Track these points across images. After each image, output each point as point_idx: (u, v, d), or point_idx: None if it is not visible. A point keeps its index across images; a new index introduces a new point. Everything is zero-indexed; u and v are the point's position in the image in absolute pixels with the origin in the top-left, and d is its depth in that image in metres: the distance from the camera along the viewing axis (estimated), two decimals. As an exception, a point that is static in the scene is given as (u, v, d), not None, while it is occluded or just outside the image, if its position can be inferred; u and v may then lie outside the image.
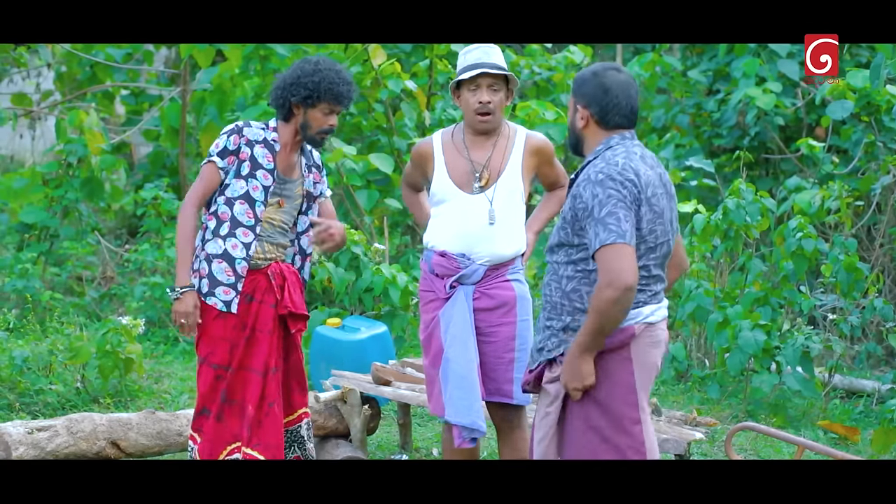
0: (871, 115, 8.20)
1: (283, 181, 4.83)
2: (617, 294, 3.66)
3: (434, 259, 4.77)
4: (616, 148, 3.85)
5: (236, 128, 4.79)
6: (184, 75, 9.58)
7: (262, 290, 4.82)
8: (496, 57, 4.69)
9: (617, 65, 3.97)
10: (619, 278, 3.66)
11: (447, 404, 4.67)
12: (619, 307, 3.69)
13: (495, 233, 4.68)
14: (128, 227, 10.62)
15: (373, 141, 9.09)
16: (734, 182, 7.28)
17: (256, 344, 4.80)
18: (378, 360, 6.33)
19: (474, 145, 4.75)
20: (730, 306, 6.97)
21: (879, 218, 8.22)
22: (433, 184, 4.79)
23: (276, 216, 4.83)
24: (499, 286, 4.71)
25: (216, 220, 4.78)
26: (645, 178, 3.79)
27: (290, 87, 4.76)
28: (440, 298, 4.74)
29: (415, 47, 9.85)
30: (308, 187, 4.93)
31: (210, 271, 4.75)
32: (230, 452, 4.79)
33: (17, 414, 6.35)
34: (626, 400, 3.84)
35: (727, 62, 10.10)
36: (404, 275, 7.52)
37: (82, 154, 8.98)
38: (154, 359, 7.79)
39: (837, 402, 7.11)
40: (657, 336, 3.90)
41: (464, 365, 4.64)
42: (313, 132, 4.80)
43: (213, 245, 4.76)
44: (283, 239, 4.89)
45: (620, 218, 3.70)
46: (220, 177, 4.77)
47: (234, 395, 4.79)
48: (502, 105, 4.72)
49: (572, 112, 3.97)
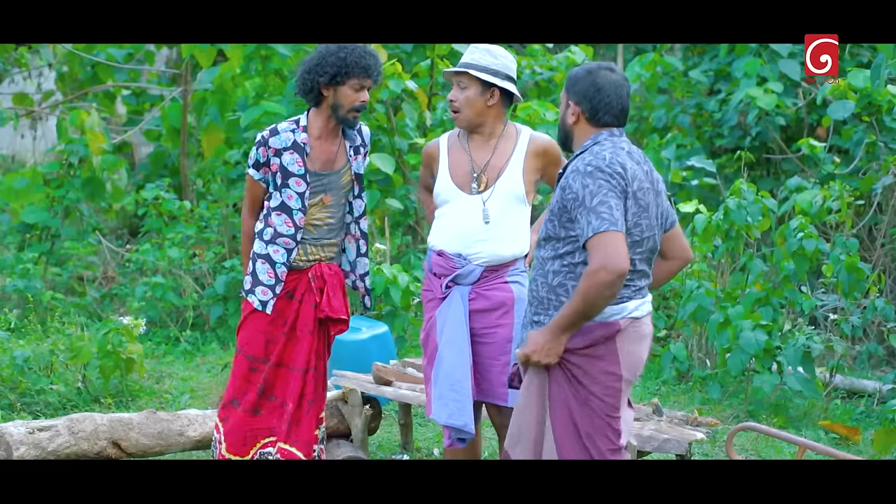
0: (872, 116, 8.20)
1: (323, 176, 4.84)
2: (611, 277, 3.71)
3: (433, 258, 4.80)
4: (604, 143, 3.92)
5: (263, 139, 4.83)
6: (185, 75, 9.58)
7: (302, 289, 4.89)
8: (473, 55, 4.70)
9: (610, 64, 4.03)
10: (612, 262, 3.71)
11: (435, 404, 4.69)
12: (609, 291, 3.74)
13: (491, 233, 4.68)
14: (129, 227, 10.61)
15: (374, 141, 9.08)
16: (735, 182, 7.28)
17: (297, 342, 4.89)
18: (379, 360, 6.33)
19: (476, 146, 4.77)
20: (731, 306, 6.97)
21: (880, 218, 8.22)
22: (436, 184, 4.81)
23: (319, 215, 4.86)
24: (496, 288, 4.70)
25: (264, 224, 4.89)
26: (631, 171, 3.85)
27: (315, 69, 4.77)
28: (438, 298, 4.76)
29: (416, 47, 9.84)
30: (357, 170, 4.94)
31: (254, 269, 4.88)
32: (264, 446, 4.87)
33: (18, 414, 6.35)
34: (609, 392, 3.88)
35: (728, 62, 10.10)
36: (405, 275, 7.52)
37: (83, 154, 8.98)
38: (155, 359, 7.79)
39: (838, 403, 7.11)
40: (643, 330, 3.96)
41: (456, 366, 4.65)
42: (345, 111, 4.80)
43: (259, 245, 4.89)
44: (328, 238, 4.92)
45: (612, 206, 3.76)
46: (262, 185, 4.89)
47: (274, 391, 4.89)
48: (473, 102, 4.70)
49: (564, 107, 4.03)
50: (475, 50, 4.72)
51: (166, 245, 8.74)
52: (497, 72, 4.69)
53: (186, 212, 9.03)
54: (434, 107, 9.10)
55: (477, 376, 4.71)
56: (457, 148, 4.80)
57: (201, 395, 7.06)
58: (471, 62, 4.70)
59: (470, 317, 4.69)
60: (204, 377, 7.48)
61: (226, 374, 7.23)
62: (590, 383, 3.87)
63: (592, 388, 3.87)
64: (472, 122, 4.74)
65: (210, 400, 6.93)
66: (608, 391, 3.89)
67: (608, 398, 3.89)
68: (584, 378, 3.87)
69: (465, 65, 4.70)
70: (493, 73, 4.68)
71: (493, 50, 4.73)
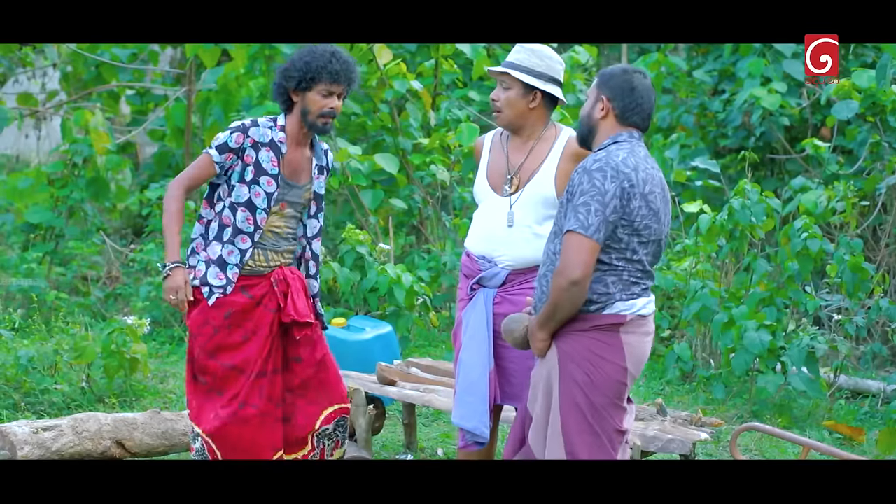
0: (877, 115, 8.19)
1: (290, 185, 4.76)
2: (564, 284, 3.82)
3: (463, 259, 4.78)
4: (622, 144, 3.97)
5: (243, 126, 4.71)
6: (189, 75, 9.58)
7: (261, 293, 4.76)
8: (518, 55, 4.60)
9: (643, 69, 4.10)
10: (567, 269, 3.81)
11: (455, 406, 4.67)
12: (567, 297, 3.83)
13: (515, 237, 4.59)
14: (133, 227, 10.63)
15: (378, 141, 9.09)
16: (739, 182, 7.27)
17: (248, 345, 4.74)
18: (383, 360, 6.33)
19: (514, 147, 4.69)
20: (735, 307, 6.97)
21: (885, 218, 8.21)
22: (475, 183, 4.78)
23: (279, 224, 4.77)
24: (523, 292, 4.59)
25: (218, 224, 4.75)
26: (644, 174, 3.90)
27: (284, 74, 4.69)
28: (466, 299, 4.73)
29: (420, 47, 9.85)
30: (317, 189, 4.85)
31: (205, 273, 4.73)
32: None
33: (22, 413, 6.36)
34: (614, 385, 3.94)
35: (732, 62, 10.10)
36: (409, 275, 7.52)
37: (88, 154, 8.99)
38: (159, 358, 7.79)
39: (842, 403, 7.10)
40: (648, 328, 4.02)
41: (473, 368, 4.61)
42: (314, 117, 4.68)
43: (212, 249, 4.74)
44: (287, 245, 4.82)
45: (591, 210, 3.81)
46: (215, 170, 4.72)
47: (223, 388, 4.74)
48: (514, 103, 4.61)
49: (592, 102, 4.06)
50: (521, 50, 4.62)
51: (170, 245, 8.73)
52: (541, 74, 4.60)
53: (190, 211, 9.04)
54: (438, 107, 9.10)
55: (501, 380, 4.66)
56: (497, 148, 4.73)
57: (205, 395, 7.06)
58: (515, 62, 4.60)
59: (494, 320, 4.61)
60: (208, 377, 7.48)
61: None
62: (598, 366, 3.92)
63: (601, 372, 3.92)
64: (512, 122, 4.65)
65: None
66: (611, 380, 3.93)
67: (613, 385, 3.93)
68: (592, 360, 3.92)
69: (509, 64, 4.61)
70: (537, 75, 4.59)
71: (538, 51, 4.61)
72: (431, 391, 5.85)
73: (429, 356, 7.67)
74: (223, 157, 4.70)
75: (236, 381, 4.72)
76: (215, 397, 4.74)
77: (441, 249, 8.68)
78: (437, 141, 8.58)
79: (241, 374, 4.72)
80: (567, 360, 3.93)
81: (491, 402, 4.62)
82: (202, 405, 4.76)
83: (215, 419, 4.69)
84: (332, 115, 4.70)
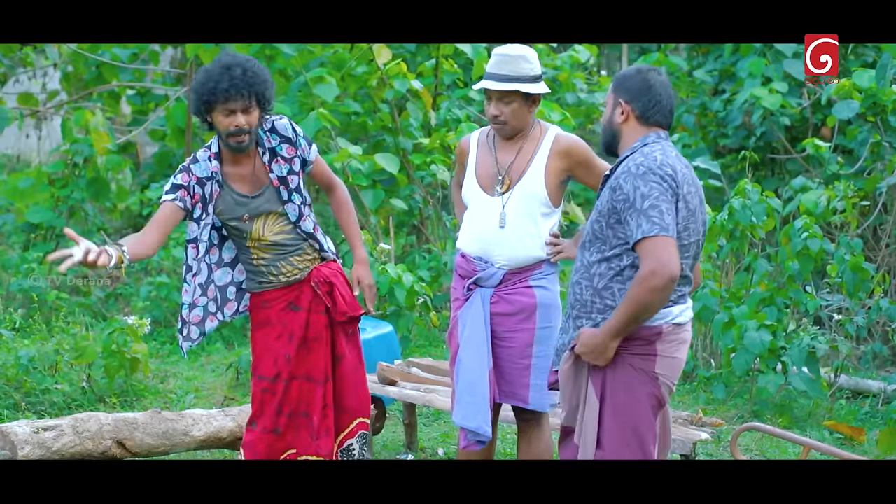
0: (877, 115, 8.19)
1: (247, 200, 4.63)
2: (663, 282, 3.68)
3: (457, 259, 4.77)
4: (653, 145, 3.88)
5: (183, 167, 4.58)
6: (189, 75, 9.58)
7: (308, 299, 4.75)
8: (511, 65, 4.52)
9: (657, 68, 4.02)
10: (665, 268, 3.68)
11: (455, 406, 4.67)
12: (662, 296, 3.71)
13: (508, 237, 4.58)
14: (133, 227, 10.61)
15: (378, 141, 9.10)
16: (740, 182, 7.27)
17: (311, 353, 4.76)
18: (384, 360, 6.33)
19: (502, 147, 4.66)
20: (735, 306, 6.97)
21: (885, 218, 8.22)
22: (464, 184, 4.75)
23: (267, 235, 4.66)
24: (519, 292, 4.61)
25: (232, 271, 4.83)
26: (681, 175, 3.82)
27: (189, 101, 4.62)
28: (461, 299, 4.72)
29: (420, 47, 9.85)
30: (280, 173, 4.65)
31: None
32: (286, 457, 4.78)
33: (23, 413, 6.36)
34: (648, 398, 3.87)
35: (733, 62, 10.11)
36: (410, 275, 7.52)
37: (88, 154, 8.99)
38: (160, 358, 7.80)
39: (843, 403, 7.10)
40: (683, 336, 3.94)
41: (474, 369, 4.61)
42: (225, 138, 4.53)
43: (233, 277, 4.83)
44: (292, 249, 4.75)
45: (663, 211, 3.73)
46: (178, 206, 4.54)
47: (300, 407, 4.76)
48: (518, 113, 4.57)
49: (611, 108, 3.99)
50: (507, 60, 4.52)
51: (171, 245, 8.74)
52: (538, 77, 4.58)
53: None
54: (438, 106, 9.10)
55: (499, 379, 4.67)
56: (485, 148, 4.71)
57: (206, 395, 7.07)
58: (517, 76, 4.52)
59: (491, 319, 4.62)
60: (209, 377, 7.49)
61: (230, 374, 7.24)
62: (634, 382, 3.86)
63: (637, 387, 3.86)
64: (517, 130, 4.63)
65: (214, 400, 6.94)
66: (646, 393, 3.87)
67: (647, 398, 3.88)
68: (629, 375, 3.86)
69: (514, 80, 4.52)
70: (537, 79, 4.58)
71: (522, 55, 4.55)
72: (432, 391, 5.85)
73: (429, 356, 7.68)
74: (178, 193, 4.54)
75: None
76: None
77: (441, 249, 8.68)
78: (438, 141, 8.58)
79: (308, 383, 4.80)
80: (604, 376, 3.88)
81: (491, 401, 4.63)
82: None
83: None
84: (239, 132, 4.51)
